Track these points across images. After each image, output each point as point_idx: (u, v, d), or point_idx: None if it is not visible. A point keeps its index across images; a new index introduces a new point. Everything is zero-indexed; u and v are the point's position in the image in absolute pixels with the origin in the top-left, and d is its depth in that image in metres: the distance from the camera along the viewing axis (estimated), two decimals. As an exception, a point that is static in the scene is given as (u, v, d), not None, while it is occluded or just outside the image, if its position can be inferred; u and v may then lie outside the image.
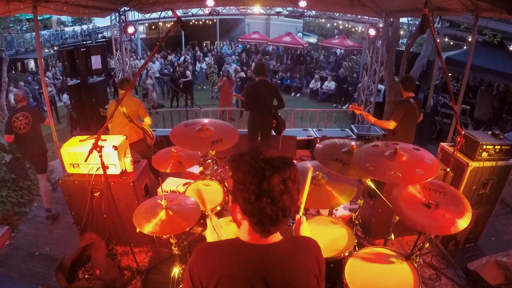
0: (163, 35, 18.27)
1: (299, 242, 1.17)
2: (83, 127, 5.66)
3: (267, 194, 0.96)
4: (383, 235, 2.78)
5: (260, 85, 4.37)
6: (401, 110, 3.81)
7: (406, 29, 9.65)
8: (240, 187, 1.00)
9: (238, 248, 1.08)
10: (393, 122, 3.79)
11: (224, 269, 1.03)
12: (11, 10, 3.55)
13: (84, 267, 2.91)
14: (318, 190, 2.41)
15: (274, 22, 19.82)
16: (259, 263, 1.05)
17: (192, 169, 3.58)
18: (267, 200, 0.97)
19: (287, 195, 0.99)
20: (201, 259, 1.08)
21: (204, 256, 1.09)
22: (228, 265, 1.04)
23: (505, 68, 7.75)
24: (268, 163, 0.99)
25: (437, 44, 2.65)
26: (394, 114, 3.84)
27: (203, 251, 1.10)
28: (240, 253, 1.06)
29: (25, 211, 4.22)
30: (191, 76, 11.75)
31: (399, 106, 3.88)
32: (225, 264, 1.04)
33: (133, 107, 4.08)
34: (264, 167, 0.98)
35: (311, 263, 1.12)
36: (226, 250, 1.08)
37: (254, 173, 0.98)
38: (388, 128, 3.88)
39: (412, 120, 3.91)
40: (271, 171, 0.97)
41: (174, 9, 2.60)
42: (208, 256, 1.08)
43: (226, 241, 1.15)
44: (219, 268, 1.04)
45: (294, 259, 1.09)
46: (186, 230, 2.33)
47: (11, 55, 12.01)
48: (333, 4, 6.30)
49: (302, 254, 1.12)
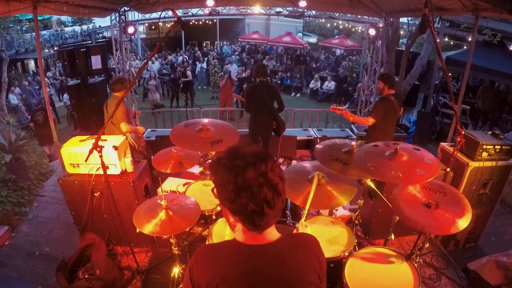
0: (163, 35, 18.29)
1: (297, 239, 1.17)
2: (83, 127, 5.67)
3: (245, 189, 0.99)
4: (383, 235, 2.78)
5: (261, 86, 4.35)
6: (382, 107, 3.91)
7: (406, 29, 9.66)
8: (221, 189, 1.04)
9: (235, 250, 1.08)
10: (371, 119, 3.90)
11: (222, 271, 1.04)
12: (11, 10, 3.55)
13: (84, 267, 2.91)
14: (318, 190, 2.40)
15: (274, 22, 19.82)
16: (256, 263, 1.05)
17: (192, 169, 3.58)
18: (247, 194, 0.99)
19: (268, 187, 1.00)
20: (201, 261, 1.09)
21: (203, 258, 1.10)
22: (226, 267, 1.05)
23: (505, 68, 7.75)
24: (242, 160, 1.01)
25: (437, 44, 2.65)
26: (374, 111, 3.94)
27: (203, 254, 1.11)
28: (237, 255, 1.07)
29: (25, 211, 4.22)
30: (191, 76, 11.76)
31: (380, 103, 3.97)
32: (223, 266, 1.05)
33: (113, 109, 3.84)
34: (238, 164, 1.00)
35: (310, 260, 1.11)
36: (224, 252, 1.09)
37: (230, 172, 1.01)
38: (367, 124, 4.03)
39: (392, 117, 4.01)
40: (245, 166, 0.99)
41: (174, 9, 2.60)
42: (207, 259, 1.09)
43: (224, 243, 1.17)
44: (218, 270, 1.05)
45: (292, 257, 1.08)
46: (186, 230, 2.34)
47: (11, 55, 12.01)
48: (333, 4, 6.30)
49: (301, 251, 1.11)
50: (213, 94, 12.68)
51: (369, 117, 3.94)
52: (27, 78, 11.22)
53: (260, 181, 0.99)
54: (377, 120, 3.89)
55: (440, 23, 7.99)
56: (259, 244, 1.07)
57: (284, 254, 1.08)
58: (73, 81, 5.64)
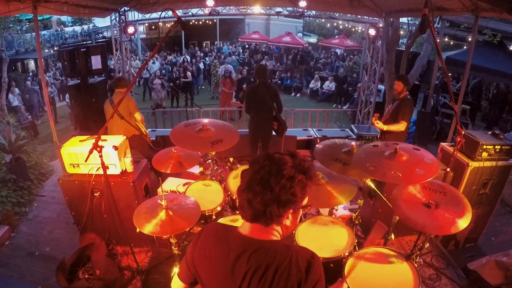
0: (163, 35, 18.32)
1: (289, 248, 1.10)
2: (83, 127, 5.67)
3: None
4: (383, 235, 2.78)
5: (261, 87, 4.33)
6: (409, 109, 3.86)
7: (406, 29, 9.66)
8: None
9: (228, 235, 1.15)
10: (405, 123, 3.81)
11: (210, 250, 1.15)
12: (11, 10, 3.55)
13: (84, 267, 2.91)
14: (318, 190, 2.41)
15: (274, 22, 19.81)
16: (235, 252, 1.09)
17: (192, 170, 3.58)
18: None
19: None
20: (203, 237, 1.20)
21: (206, 234, 1.20)
22: (213, 247, 1.15)
23: (505, 68, 7.76)
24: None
25: (437, 44, 2.65)
26: (406, 115, 3.83)
27: (209, 229, 1.22)
28: (226, 239, 1.13)
29: (25, 211, 4.22)
30: (191, 76, 11.75)
31: (407, 105, 3.87)
32: (212, 245, 1.16)
33: (123, 103, 4.03)
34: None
35: (291, 281, 1.04)
36: (221, 234, 1.17)
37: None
38: (402, 130, 3.86)
39: (410, 118, 3.98)
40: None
41: (174, 9, 2.60)
42: (207, 236, 1.19)
43: (229, 226, 1.20)
44: (208, 248, 1.16)
45: (268, 260, 1.05)
46: (186, 230, 2.33)
47: (11, 55, 12.00)
48: (333, 4, 6.31)
49: (281, 260, 1.06)
50: (213, 94, 12.68)
51: (401, 121, 3.81)
52: (28, 78, 11.20)
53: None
54: (408, 123, 3.80)
55: (440, 23, 7.97)
56: (248, 236, 1.12)
57: (261, 255, 1.07)
58: (73, 81, 5.64)
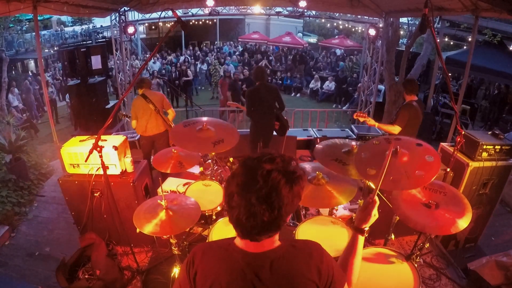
0: (163, 35, 18.29)
1: (295, 248, 1.11)
2: (83, 127, 5.67)
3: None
4: (383, 235, 2.78)
5: (261, 89, 4.32)
6: (406, 114, 3.75)
7: (406, 29, 9.65)
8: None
9: (231, 255, 1.08)
10: (398, 127, 3.72)
11: (215, 275, 1.06)
12: (11, 10, 3.55)
13: (84, 267, 2.90)
14: (318, 190, 2.41)
15: (274, 22, 19.83)
16: (249, 273, 1.04)
17: (192, 170, 3.58)
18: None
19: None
20: (197, 259, 1.11)
21: (202, 258, 1.11)
22: (219, 273, 1.06)
23: (505, 68, 7.76)
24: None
25: (437, 44, 2.66)
26: (399, 119, 3.75)
27: (200, 251, 1.13)
28: (232, 261, 1.07)
29: (25, 211, 4.22)
30: (192, 76, 11.74)
31: (403, 110, 3.80)
32: (217, 270, 1.06)
33: (158, 100, 4.35)
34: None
35: (308, 270, 1.06)
36: (222, 256, 1.09)
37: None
38: (393, 133, 3.75)
39: (415, 124, 3.84)
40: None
41: (174, 9, 2.60)
42: (206, 259, 1.10)
43: (224, 243, 1.14)
44: (211, 273, 1.06)
45: (288, 267, 1.05)
46: (186, 230, 2.34)
47: (11, 55, 12.00)
48: (333, 4, 6.31)
49: (298, 261, 1.07)
50: (213, 94, 12.69)
51: (394, 125, 3.74)
52: (28, 78, 11.21)
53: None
54: (402, 128, 3.71)
55: (440, 23, 7.97)
56: (255, 252, 1.06)
57: (279, 265, 1.05)
58: (73, 81, 5.64)
